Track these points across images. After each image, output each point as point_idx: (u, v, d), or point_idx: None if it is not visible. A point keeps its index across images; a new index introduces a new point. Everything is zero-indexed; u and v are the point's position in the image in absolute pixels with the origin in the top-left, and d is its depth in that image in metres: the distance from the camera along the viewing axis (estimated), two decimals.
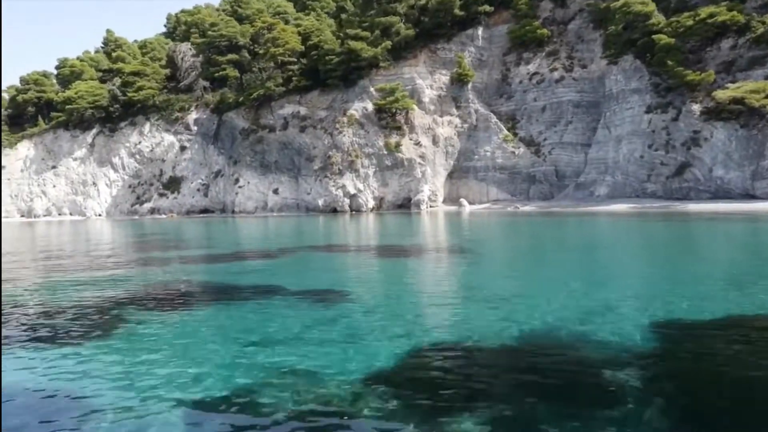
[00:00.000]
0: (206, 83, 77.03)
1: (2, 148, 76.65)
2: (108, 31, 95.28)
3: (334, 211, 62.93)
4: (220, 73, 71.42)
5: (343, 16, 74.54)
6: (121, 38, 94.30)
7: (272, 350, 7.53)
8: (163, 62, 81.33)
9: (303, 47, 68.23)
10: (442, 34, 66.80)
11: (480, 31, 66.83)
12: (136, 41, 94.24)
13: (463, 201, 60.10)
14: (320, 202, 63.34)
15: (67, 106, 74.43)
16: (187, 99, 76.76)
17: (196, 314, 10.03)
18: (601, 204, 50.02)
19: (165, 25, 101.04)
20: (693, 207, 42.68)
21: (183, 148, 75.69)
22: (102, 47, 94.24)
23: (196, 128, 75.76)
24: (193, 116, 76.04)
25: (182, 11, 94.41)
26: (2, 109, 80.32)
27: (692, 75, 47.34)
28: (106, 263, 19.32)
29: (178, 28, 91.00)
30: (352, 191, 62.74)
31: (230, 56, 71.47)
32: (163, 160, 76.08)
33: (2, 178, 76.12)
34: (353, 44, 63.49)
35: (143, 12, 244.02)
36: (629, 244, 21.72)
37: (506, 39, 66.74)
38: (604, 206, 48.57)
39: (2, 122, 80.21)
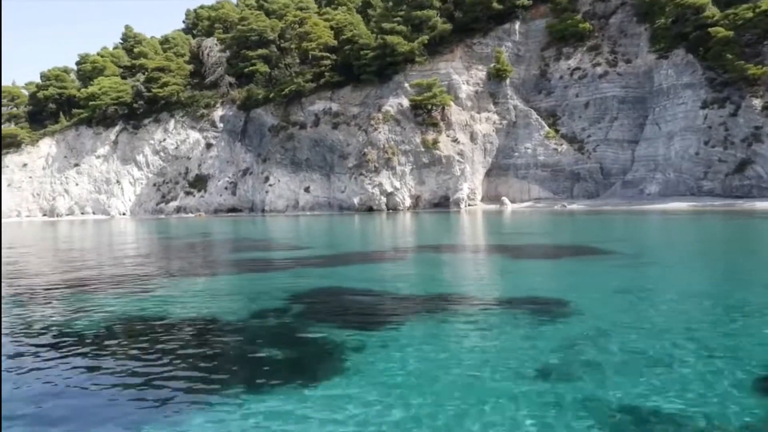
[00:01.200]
0: (231, 79, 75.35)
1: (24, 145, 74.91)
2: (127, 26, 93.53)
3: (370, 209, 61.30)
4: (250, 68, 69.66)
5: (370, 11, 72.83)
6: (140, 34, 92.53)
7: (573, 383, 5.73)
8: (186, 58, 79.58)
9: (335, 42, 66.44)
10: (478, 29, 65.22)
11: (517, 25, 65.25)
12: (153, 37, 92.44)
13: (505, 199, 58.49)
14: (356, 201, 61.68)
15: (91, 103, 72.68)
16: (212, 95, 75.06)
17: (413, 331, 8.24)
18: (654, 202, 48.41)
19: (183, 21, 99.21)
20: (760, 205, 41.10)
21: (209, 146, 74.01)
22: (121, 43, 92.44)
23: (222, 125, 74.08)
24: (218, 113, 74.35)
25: (202, 7, 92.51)
26: (23, 106, 78.70)
27: (753, 69, 45.73)
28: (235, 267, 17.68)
29: (200, 24, 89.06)
30: (389, 189, 61.10)
31: (260, 51, 69.71)
32: (189, 158, 74.39)
33: (25, 176, 74.41)
34: (390, 38, 61.81)
35: (159, 8, 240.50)
36: (744, 243, 20.18)
37: (544, 34, 65.19)
38: (659, 204, 46.96)
39: (23, 119, 78.52)
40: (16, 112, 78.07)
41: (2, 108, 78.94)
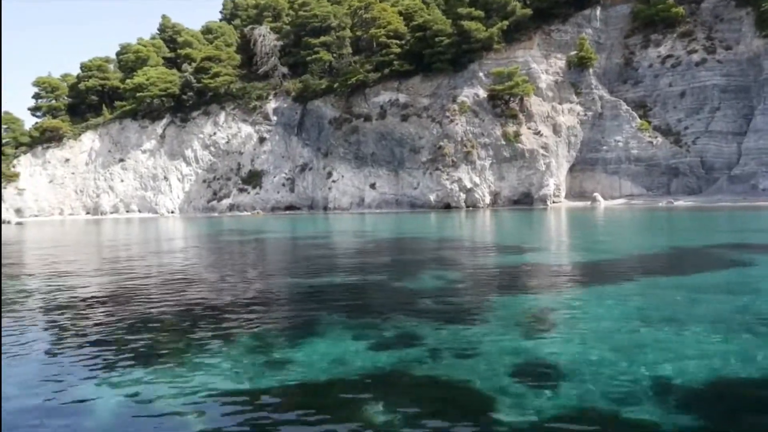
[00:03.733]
0: (285, 69, 71.32)
1: (66, 140, 70.72)
2: (164, 17, 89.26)
3: (447, 207, 57.28)
4: (313, 56, 65.56)
5: None
6: (178, 24, 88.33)
7: None
8: (233, 48, 75.48)
9: (405, 28, 62.43)
10: (557, 15, 61.34)
11: (598, 11, 61.41)
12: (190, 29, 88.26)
13: (597, 196, 54.46)
14: (431, 198, 57.64)
15: (138, 94, 68.48)
16: (264, 87, 70.98)
17: None
18: None
19: (221, 11, 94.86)
20: None
21: (262, 140, 69.92)
22: (158, 34, 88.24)
23: (275, 118, 70.01)
24: (272, 105, 70.30)
25: None
26: (63, 98, 74.57)
27: None
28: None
29: (241, 13, 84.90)
30: (468, 185, 57.10)
31: (323, 38, 65.62)
32: (241, 153, 70.28)
33: (67, 172, 70.23)
34: (467, 24, 57.84)
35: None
36: None
37: (626, 20, 61.40)
38: None
39: (63, 111, 74.38)
40: (56, 105, 73.85)
41: (42, 99, 74.89)
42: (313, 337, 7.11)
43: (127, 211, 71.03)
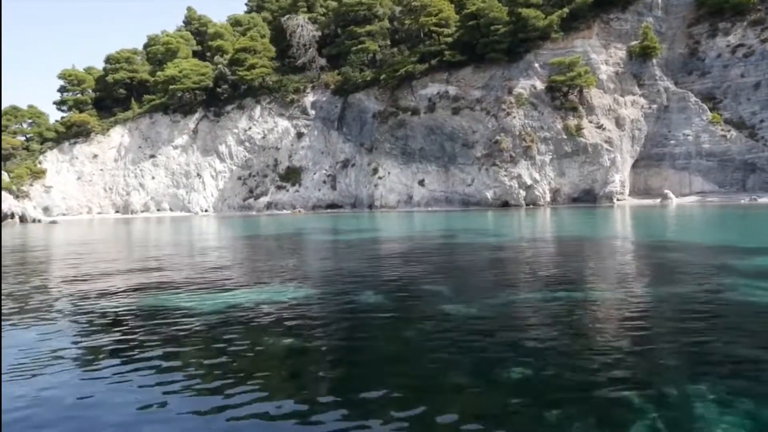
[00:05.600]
0: (323, 61, 68.18)
1: (93, 135, 67.47)
2: (189, 9, 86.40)
3: (505, 204, 54.13)
4: (358, 46, 62.38)
5: None
6: (204, 16, 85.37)
7: None
8: (266, 39, 72.29)
9: (457, 16, 59.32)
10: (616, 3, 58.18)
11: None
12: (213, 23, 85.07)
13: (669, 193, 51.35)
14: (488, 195, 54.51)
15: (171, 87, 65.26)
16: (301, 79, 67.82)
17: None
18: None
19: (247, 3, 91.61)
20: None
21: (300, 135, 66.77)
22: (183, 26, 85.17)
23: (314, 112, 66.89)
24: (309, 98, 67.17)
25: None
26: (90, 93, 71.36)
27: None
28: None
29: (270, 4, 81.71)
30: (528, 182, 53.98)
31: (369, 27, 62.46)
32: (278, 148, 67.11)
33: (95, 169, 67.03)
34: (525, 12, 54.74)
35: None
36: None
37: (689, 8, 58.26)
38: None
39: (89, 105, 71.18)
40: (83, 98, 70.62)
41: (67, 93, 71.69)
42: None
43: (158, 210, 67.85)
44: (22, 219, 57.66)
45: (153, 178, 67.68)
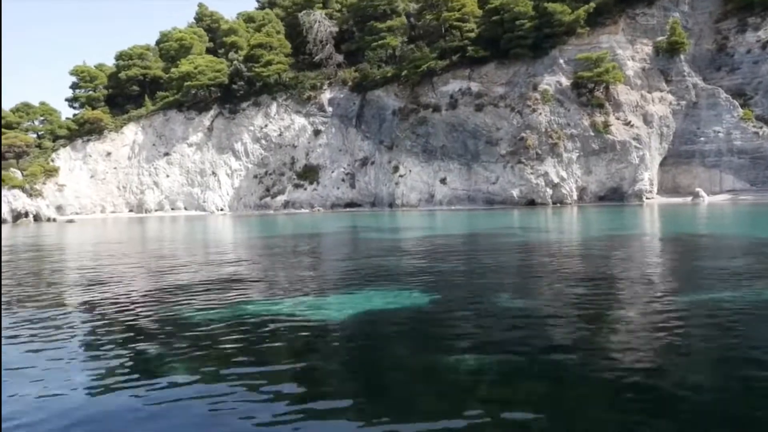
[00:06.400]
0: (340, 57, 67.00)
1: (107, 132, 66.23)
2: (200, 5, 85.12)
3: (532, 203, 53.02)
4: (379, 42, 61.21)
5: None
6: (215, 12, 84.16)
7: None
8: (281, 36, 71.04)
9: (480, 11, 58.20)
10: None
11: None
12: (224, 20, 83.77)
13: (700, 191, 50.25)
14: (514, 193, 53.39)
15: (186, 83, 64.02)
16: (317, 76, 66.62)
17: None
18: None
19: (258, 0, 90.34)
20: None
21: (317, 132, 65.59)
22: (194, 23, 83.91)
23: (331, 109, 65.70)
24: (327, 95, 65.97)
25: None
26: (105, 89, 70.18)
27: None
28: None
29: (283, 1, 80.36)
30: (555, 180, 52.87)
31: (390, 23, 61.28)
32: (294, 146, 65.91)
33: (109, 167, 65.83)
34: (552, 6, 53.65)
35: None
36: None
37: (716, 3, 57.31)
38: None
39: (101, 102, 69.95)
40: (95, 95, 69.35)
41: (79, 89, 70.48)
42: None
43: (173, 209, 66.66)
44: (36, 218, 56.44)
45: (167, 176, 66.48)
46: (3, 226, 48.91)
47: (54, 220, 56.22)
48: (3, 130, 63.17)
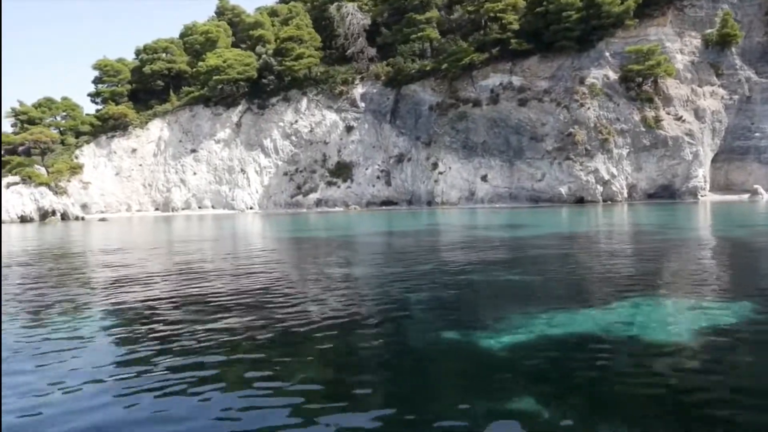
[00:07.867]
0: (373, 51, 65.00)
1: (131, 128, 64.10)
2: None
3: (581, 201, 51.19)
4: (418, 34, 59.28)
5: None
6: (237, 6, 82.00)
7: None
8: (311, 29, 68.95)
9: (524, 2, 56.35)
10: None
11: None
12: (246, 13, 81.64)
13: (759, 188, 48.56)
14: (563, 191, 51.55)
15: (214, 77, 61.94)
16: (348, 70, 64.57)
17: None
18: None
19: None
20: None
21: (349, 128, 63.56)
22: (216, 17, 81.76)
23: (363, 104, 63.67)
24: (359, 90, 63.93)
25: None
26: (127, 84, 68.02)
27: None
28: None
29: None
30: (606, 177, 51.04)
31: (429, 14, 59.31)
32: (326, 143, 63.89)
33: (134, 164, 63.70)
34: None
35: None
36: None
37: None
38: None
39: (125, 97, 67.81)
40: (119, 90, 67.17)
41: (102, 84, 68.33)
42: None
43: (200, 207, 64.54)
44: (64, 216, 54.28)
45: (194, 173, 64.37)
46: (30, 225, 46.87)
47: (83, 218, 54.08)
48: (26, 125, 61.04)
